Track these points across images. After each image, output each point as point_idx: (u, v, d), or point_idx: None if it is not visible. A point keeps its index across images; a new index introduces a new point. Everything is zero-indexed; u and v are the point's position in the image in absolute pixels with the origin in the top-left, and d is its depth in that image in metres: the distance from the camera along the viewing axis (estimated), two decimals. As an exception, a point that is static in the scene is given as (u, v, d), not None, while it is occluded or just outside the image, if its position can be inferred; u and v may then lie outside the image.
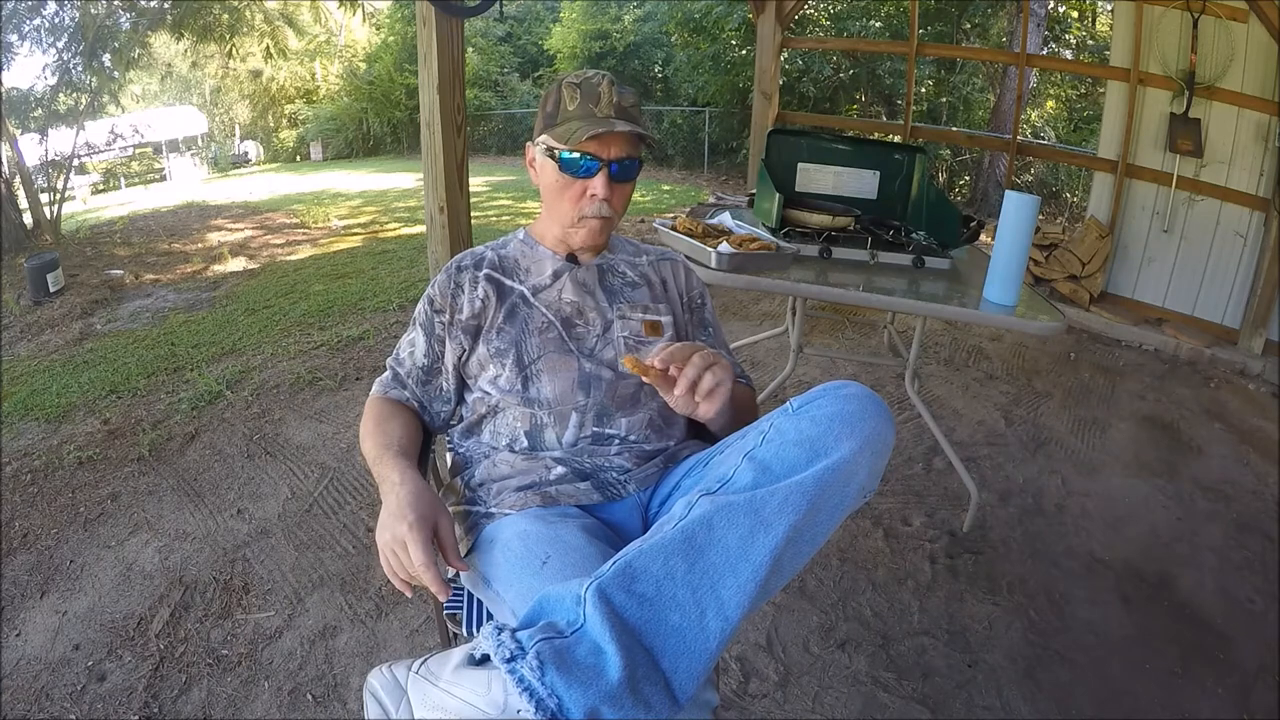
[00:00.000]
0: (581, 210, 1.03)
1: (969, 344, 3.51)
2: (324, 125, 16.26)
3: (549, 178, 1.04)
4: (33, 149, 7.58)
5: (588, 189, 1.01)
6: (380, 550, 0.83)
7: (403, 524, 0.80)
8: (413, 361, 1.07)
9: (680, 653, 0.66)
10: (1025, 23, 5.49)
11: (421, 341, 1.06)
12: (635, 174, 1.05)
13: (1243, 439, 2.72)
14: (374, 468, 0.94)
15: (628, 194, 1.06)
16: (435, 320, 1.06)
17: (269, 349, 3.49)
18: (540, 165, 1.06)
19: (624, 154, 1.01)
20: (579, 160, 1.00)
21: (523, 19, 16.74)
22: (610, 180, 1.01)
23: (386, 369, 1.09)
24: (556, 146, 1.01)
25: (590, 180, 1.01)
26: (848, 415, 0.77)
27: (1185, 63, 3.51)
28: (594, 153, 0.99)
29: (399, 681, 0.70)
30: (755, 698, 1.48)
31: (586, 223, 1.04)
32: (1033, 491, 2.27)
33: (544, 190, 1.07)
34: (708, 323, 1.19)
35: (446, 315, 1.05)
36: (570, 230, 1.06)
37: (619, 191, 1.04)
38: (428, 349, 1.06)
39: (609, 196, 1.02)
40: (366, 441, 0.99)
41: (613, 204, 1.03)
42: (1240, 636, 1.71)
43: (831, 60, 9.68)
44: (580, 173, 1.01)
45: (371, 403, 1.06)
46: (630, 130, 0.99)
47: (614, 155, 1.00)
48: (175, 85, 17.71)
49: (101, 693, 1.49)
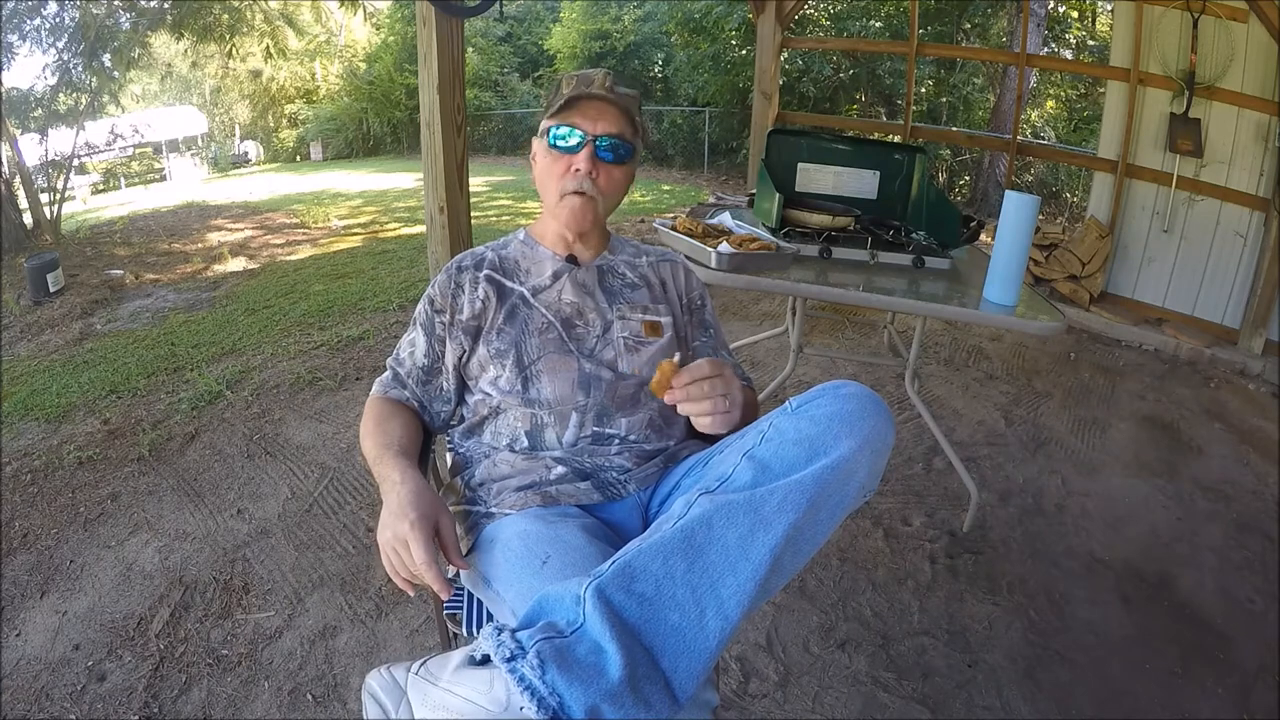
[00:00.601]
0: (564, 186, 1.03)
1: (969, 344, 3.51)
2: (324, 125, 16.26)
3: (541, 164, 1.05)
4: (33, 149, 7.58)
5: (572, 163, 1.02)
6: (381, 549, 0.83)
7: (404, 523, 0.80)
8: (413, 361, 1.07)
9: (680, 652, 0.66)
10: (1025, 23, 5.49)
11: (422, 341, 1.06)
12: (626, 158, 1.04)
13: (1243, 439, 2.72)
14: (374, 467, 0.94)
15: (617, 179, 1.05)
16: (436, 320, 1.06)
17: (269, 349, 3.49)
18: (537, 154, 1.07)
19: (612, 130, 1.01)
20: (564, 134, 1.01)
21: (523, 19, 16.74)
22: (596, 157, 1.01)
23: (386, 369, 1.09)
24: (549, 124, 1.03)
25: (576, 155, 1.01)
26: (847, 414, 0.77)
27: (1185, 63, 3.51)
28: (579, 125, 1.00)
29: (398, 682, 0.70)
30: (755, 698, 1.48)
31: (569, 201, 1.03)
32: (1033, 491, 2.27)
33: (538, 179, 1.08)
34: (708, 324, 1.19)
35: (447, 315, 1.05)
36: (556, 211, 1.05)
37: (606, 172, 1.03)
38: (428, 349, 1.06)
39: (593, 172, 1.02)
40: (366, 441, 0.99)
41: (599, 184, 1.03)
42: (1240, 636, 1.71)
43: (831, 60, 9.68)
44: (566, 147, 1.01)
45: (371, 402, 1.06)
46: (615, 101, 1.00)
47: (601, 130, 1.01)
48: (175, 85, 17.71)
49: (101, 693, 1.49)
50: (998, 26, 9.30)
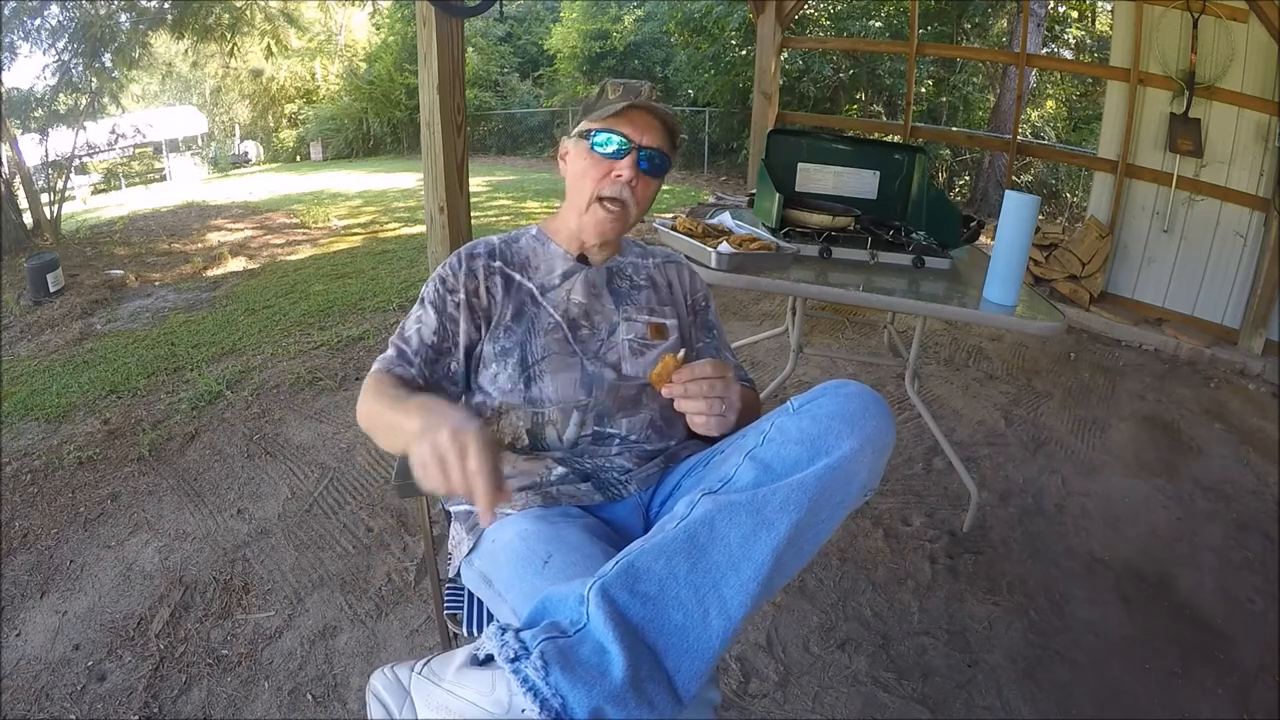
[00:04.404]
0: (601, 189, 1.02)
1: (969, 344, 3.51)
2: (324, 125, 16.27)
3: (577, 163, 1.04)
4: (33, 149, 7.58)
5: (614, 169, 1.01)
6: (424, 456, 0.70)
7: (466, 429, 0.71)
8: (420, 339, 1.01)
9: (683, 651, 0.66)
10: (1025, 23, 5.50)
11: (431, 318, 1.02)
12: (662, 173, 1.05)
13: (1243, 439, 2.72)
14: (389, 414, 0.86)
15: (651, 193, 1.06)
16: (448, 298, 1.02)
17: (269, 349, 3.48)
18: (572, 153, 1.06)
19: (656, 144, 1.02)
20: (612, 138, 1.01)
21: (523, 19, 16.75)
22: (638, 166, 1.01)
23: (389, 347, 1.02)
24: (592, 126, 1.02)
25: (619, 161, 1.01)
26: (849, 414, 0.77)
27: (1185, 63, 3.52)
28: (627, 134, 1.00)
29: (402, 682, 0.70)
30: (755, 698, 1.48)
31: (601, 209, 1.02)
32: (1033, 491, 2.27)
33: (570, 179, 1.06)
34: (711, 325, 1.19)
35: (461, 294, 1.02)
36: (585, 215, 1.04)
37: (643, 184, 1.03)
38: (438, 326, 1.02)
39: (633, 181, 1.02)
40: (372, 405, 0.91)
41: (636, 194, 1.03)
42: (1240, 636, 1.71)
43: (831, 60, 9.69)
44: (611, 153, 1.01)
45: (373, 379, 0.96)
46: (664, 118, 1.01)
47: (646, 142, 1.01)
48: (175, 85, 17.71)
49: (101, 693, 1.49)
50: (997, 26, 9.31)
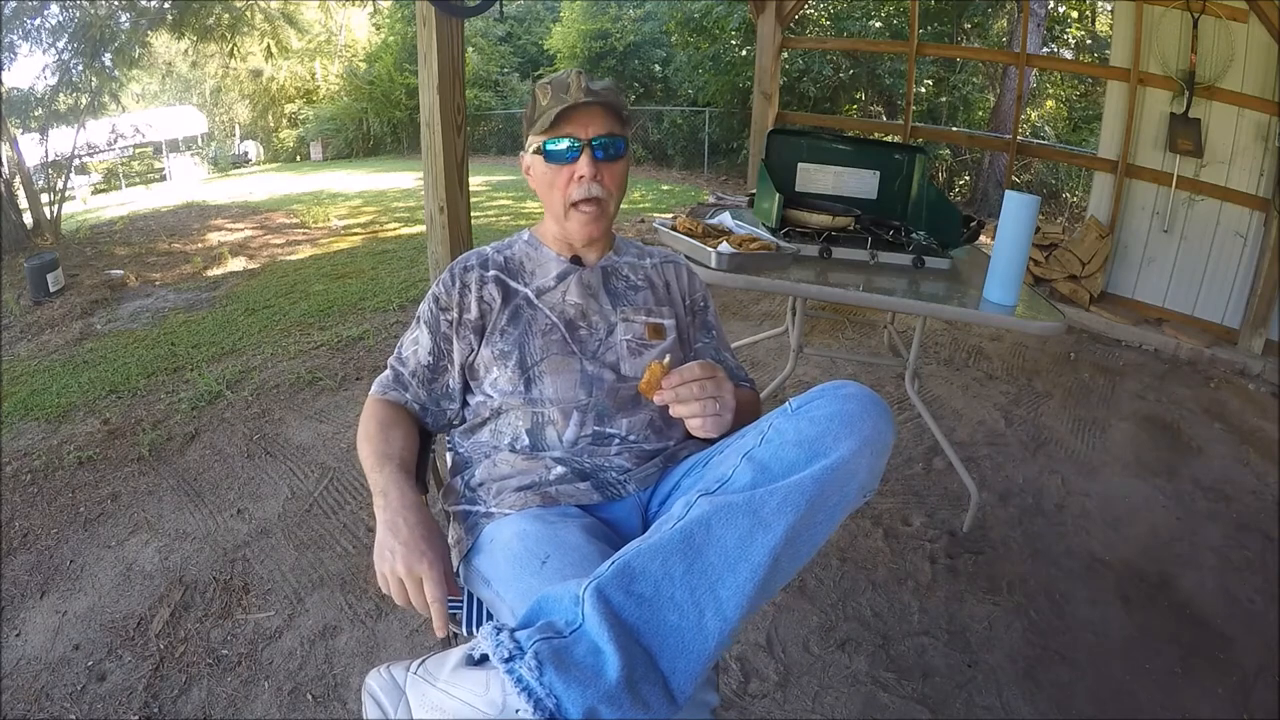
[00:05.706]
0: (571, 196, 1.03)
1: (969, 344, 3.50)
2: (324, 125, 16.27)
3: (540, 176, 1.05)
4: (33, 149, 7.59)
5: (574, 172, 1.02)
6: (384, 576, 0.82)
7: (421, 561, 0.81)
8: (416, 360, 1.06)
9: (678, 653, 0.66)
10: (1025, 22, 5.50)
11: (426, 339, 1.06)
12: (622, 153, 1.04)
13: (1243, 439, 2.72)
14: (373, 475, 0.94)
15: (618, 175, 1.05)
16: (441, 318, 1.06)
17: (269, 349, 3.49)
18: (532, 167, 1.07)
19: (604, 131, 1.01)
20: (560, 145, 1.01)
21: (523, 19, 16.75)
22: (594, 159, 1.01)
23: (387, 369, 1.09)
24: (538, 139, 1.02)
25: (575, 163, 1.01)
26: (847, 415, 0.77)
27: (1185, 63, 3.51)
28: (572, 134, 1.00)
29: (397, 682, 0.70)
30: (755, 698, 1.48)
31: (579, 210, 1.03)
32: (1033, 491, 2.27)
33: (539, 191, 1.07)
34: (710, 325, 1.19)
35: (453, 313, 1.05)
36: (566, 223, 1.05)
37: (608, 171, 1.03)
38: (433, 346, 1.06)
39: (596, 175, 1.02)
40: (366, 445, 0.99)
41: (604, 184, 1.03)
42: (1240, 636, 1.71)
43: (831, 60, 9.68)
44: (564, 158, 1.01)
45: (371, 404, 1.06)
46: (600, 102, 1.00)
47: (593, 133, 1.01)
48: (175, 85, 17.72)
49: (101, 693, 1.49)
50: (997, 26, 9.30)
